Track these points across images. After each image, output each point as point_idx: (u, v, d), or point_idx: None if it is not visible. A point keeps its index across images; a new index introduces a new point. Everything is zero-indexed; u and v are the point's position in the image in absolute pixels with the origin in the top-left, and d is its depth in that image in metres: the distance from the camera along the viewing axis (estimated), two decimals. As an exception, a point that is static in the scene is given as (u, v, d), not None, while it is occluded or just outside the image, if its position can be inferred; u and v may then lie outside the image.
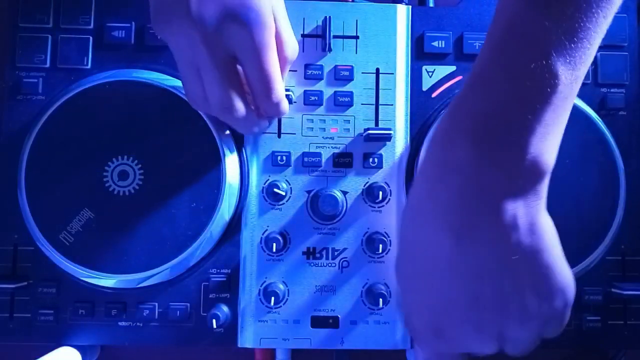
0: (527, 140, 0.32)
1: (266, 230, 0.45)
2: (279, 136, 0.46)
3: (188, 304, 0.45)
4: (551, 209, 0.44)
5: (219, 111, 0.41)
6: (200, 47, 0.37)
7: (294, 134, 0.46)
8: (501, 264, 0.34)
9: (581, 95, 0.46)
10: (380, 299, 0.44)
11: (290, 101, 0.45)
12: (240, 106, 0.40)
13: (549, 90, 0.32)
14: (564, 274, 0.35)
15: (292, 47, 0.42)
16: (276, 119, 0.46)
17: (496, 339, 0.36)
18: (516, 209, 0.33)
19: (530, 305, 0.35)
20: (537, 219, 0.34)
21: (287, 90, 0.45)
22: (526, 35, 0.32)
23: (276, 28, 0.40)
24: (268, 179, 0.45)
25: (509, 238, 0.33)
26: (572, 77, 0.32)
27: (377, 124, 0.46)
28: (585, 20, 0.31)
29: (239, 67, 0.40)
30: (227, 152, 0.44)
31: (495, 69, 0.33)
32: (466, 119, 0.33)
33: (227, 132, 0.45)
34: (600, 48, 0.47)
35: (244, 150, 0.46)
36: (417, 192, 0.36)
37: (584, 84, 0.47)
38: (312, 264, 0.45)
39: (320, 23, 0.47)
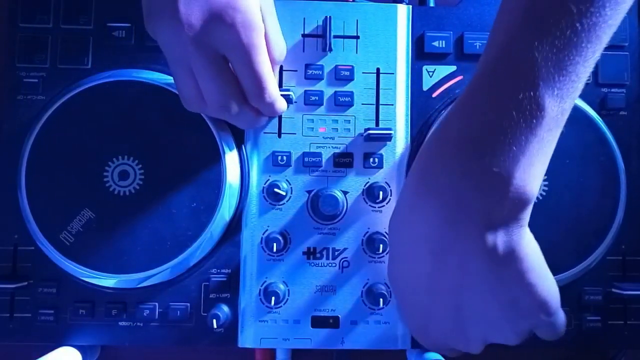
0: (511, 170, 0.32)
1: (266, 230, 0.45)
2: (279, 136, 0.46)
3: (188, 304, 0.45)
4: (552, 209, 0.45)
5: (216, 109, 0.40)
6: (190, 47, 0.37)
7: (295, 134, 0.46)
8: (479, 284, 0.34)
9: (582, 95, 0.46)
10: (381, 299, 0.44)
11: (290, 101, 0.45)
12: (237, 103, 0.40)
13: (534, 122, 0.31)
14: (546, 288, 0.35)
15: (279, 48, 0.42)
16: (277, 119, 0.46)
17: (481, 342, 0.37)
18: (496, 237, 0.33)
19: (510, 320, 0.35)
20: (518, 245, 0.34)
21: (286, 90, 0.44)
22: (516, 66, 0.32)
23: (264, 28, 0.40)
24: (268, 179, 0.45)
25: (487, 263, 0.33)
26: (558, 109, 0.32)
27: (377, 124, 0.46)
28: (575, 54, 0.31)
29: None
30: (227, 151, 0.44)
31: (483, 96, 0.33)
32: (452, 141, 0.33)
33: (228, 131, 0.45)
34: (601, 48, 0.48)
35: (244, 150, 0.46)
36: (402, 206, 0.37)
37: (584, 84, 0.47)
38: (312, 264, 0.45)
39: (320, 23, 0.47)
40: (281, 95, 0.43)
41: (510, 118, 0.31)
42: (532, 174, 0.32)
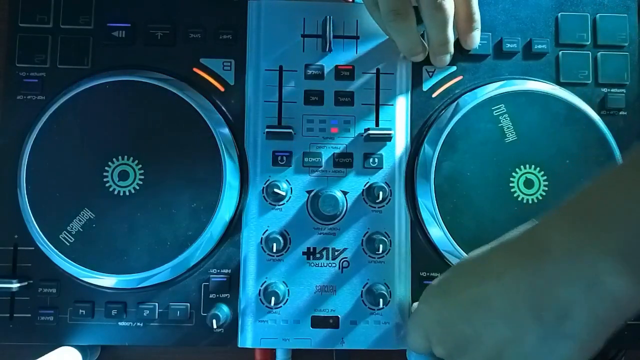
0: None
1: (266, 230, 0.45)
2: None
3: (188, 304, 0.45)
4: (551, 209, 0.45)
5: (387, 16, 0.41)
6: None
7: (295, 134, 0.46)
8: (534, 348, 0.33)
9: (581, 95, 0.47)
10: (381, 299, 0.44)
11: (290, 137, 0.45)
12: (411, 14, 0.40)
13: None
14: None
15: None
16: (277, 119, 0.46)
17: None
18: (586, 316, 0.32)
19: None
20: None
21: (288, 128, 0.45)
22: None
23: None
24: (268, 179, 0.45)
25: (564, 337, 0.32)
26: None
27: (377, 124, 0.46)
28: None
29: None
30: (227, 151, 0.44)
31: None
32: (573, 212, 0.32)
33: (228, 131, 0.45)
34: (601, 47, 0.48)
35: (244, 150, 0.46)
36: (502, 253, 0.35)
37: (584, 84, 0.47)
38: (312, 264, 0.45)
39: (320, 23, 0.47)
40: (282, 131, 0.44)
41: None
42: None
